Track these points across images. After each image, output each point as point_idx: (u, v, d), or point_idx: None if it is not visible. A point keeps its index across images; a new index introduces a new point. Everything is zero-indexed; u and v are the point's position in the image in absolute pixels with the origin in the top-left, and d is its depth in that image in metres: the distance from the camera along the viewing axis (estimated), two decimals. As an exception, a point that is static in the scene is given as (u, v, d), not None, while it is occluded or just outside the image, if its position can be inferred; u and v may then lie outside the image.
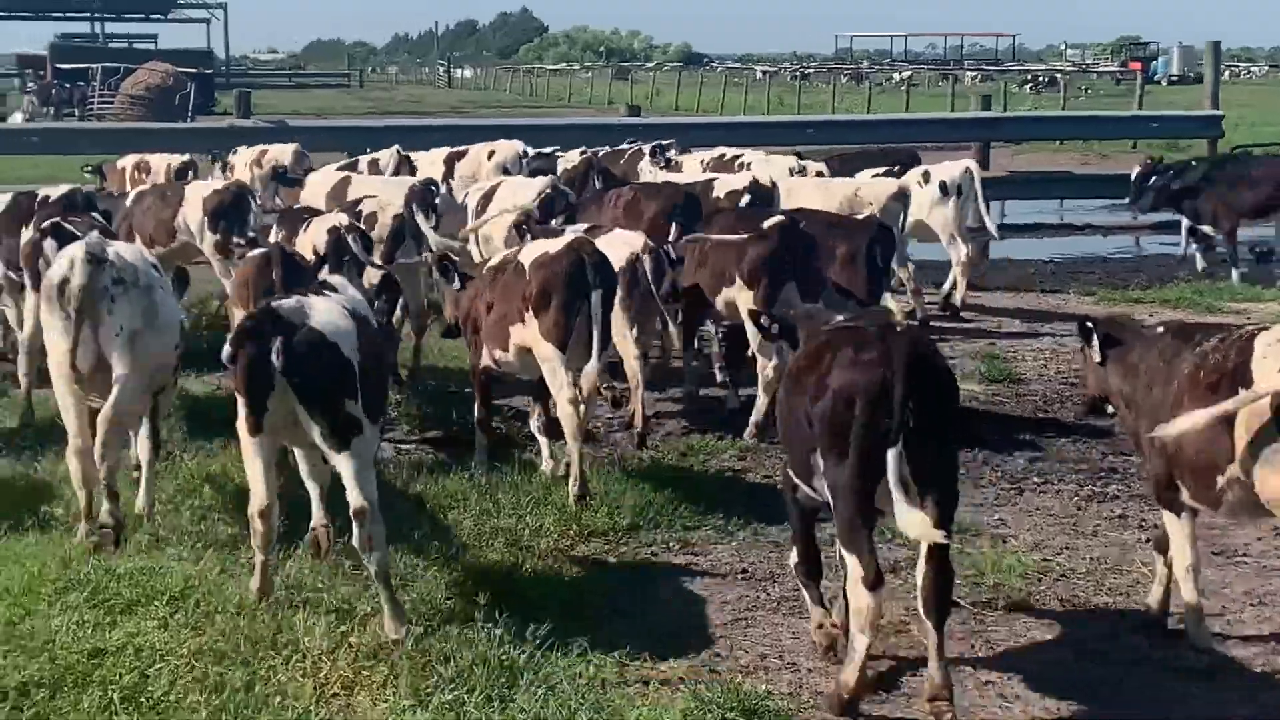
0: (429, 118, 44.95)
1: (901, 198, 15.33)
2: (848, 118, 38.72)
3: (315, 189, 15.47)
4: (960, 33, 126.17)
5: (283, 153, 18.80)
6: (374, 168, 17.78)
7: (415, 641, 6.90)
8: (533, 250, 9.94)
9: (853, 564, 6.53)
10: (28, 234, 11.33)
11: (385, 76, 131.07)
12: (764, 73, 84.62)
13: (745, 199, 14.15)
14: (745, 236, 11.43)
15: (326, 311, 7.25)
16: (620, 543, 9.04)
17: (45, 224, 10.44)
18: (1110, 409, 8.00)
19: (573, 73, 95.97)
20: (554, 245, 9.82)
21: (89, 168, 19.02)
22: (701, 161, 18.09)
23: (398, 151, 18.17)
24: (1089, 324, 7.88)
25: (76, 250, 8.22)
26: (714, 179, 15.25)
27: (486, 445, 10.46)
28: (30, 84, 58.34)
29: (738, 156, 18.11)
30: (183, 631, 6.85)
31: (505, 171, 16.91)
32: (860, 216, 13.48)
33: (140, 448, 9.00)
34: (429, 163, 18.02)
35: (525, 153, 17.85)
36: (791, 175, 16.41)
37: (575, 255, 9.58)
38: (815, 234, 11.76)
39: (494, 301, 9.97)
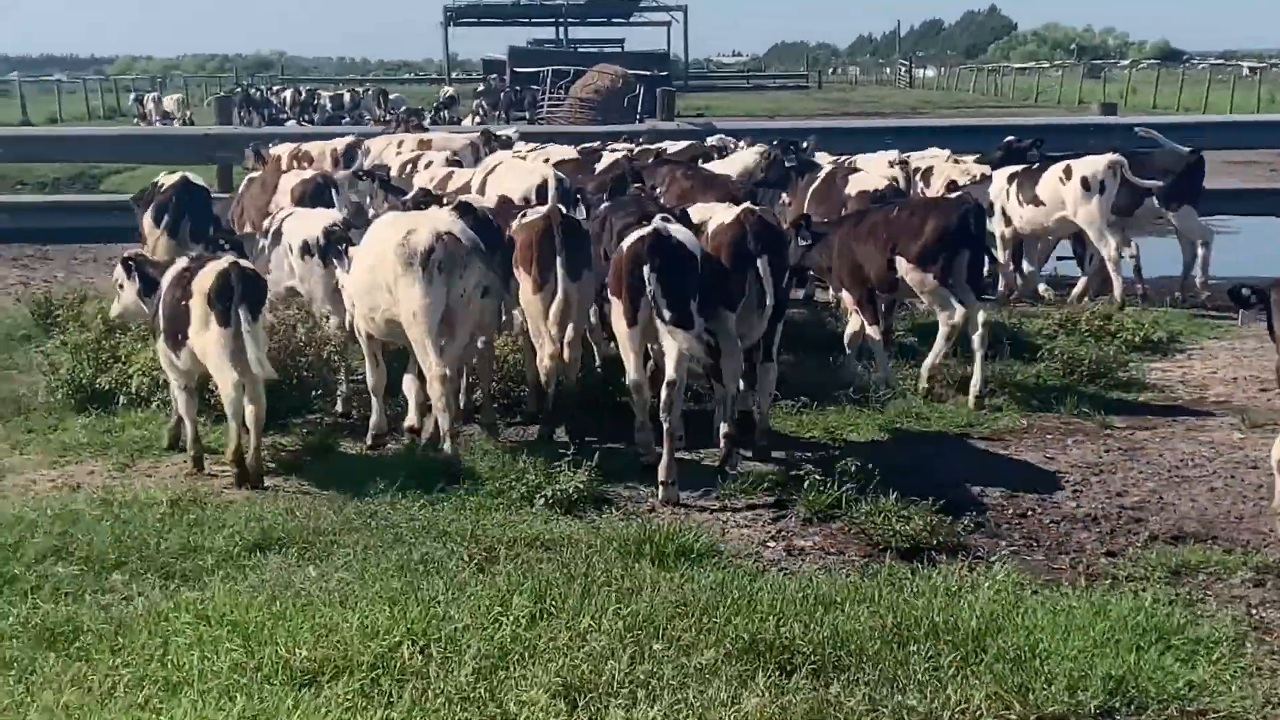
0: (859, 119, 42.46)
1: None
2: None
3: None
4: None
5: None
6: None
7: None
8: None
9: None
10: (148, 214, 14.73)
11: (845, 77, 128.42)
12: (1250, 69, 78.06)
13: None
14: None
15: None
16: (1086, 732, 6.14)
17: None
18: None
19: (1041, 71, 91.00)
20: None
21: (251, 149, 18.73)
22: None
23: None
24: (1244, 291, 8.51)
25: (442, 223, 10.00)
26: None
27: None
28: (479, 87, 58.39)
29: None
30: None
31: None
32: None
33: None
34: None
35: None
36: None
37: (964, 206, 12.05)
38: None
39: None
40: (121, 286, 10.99)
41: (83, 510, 8.64)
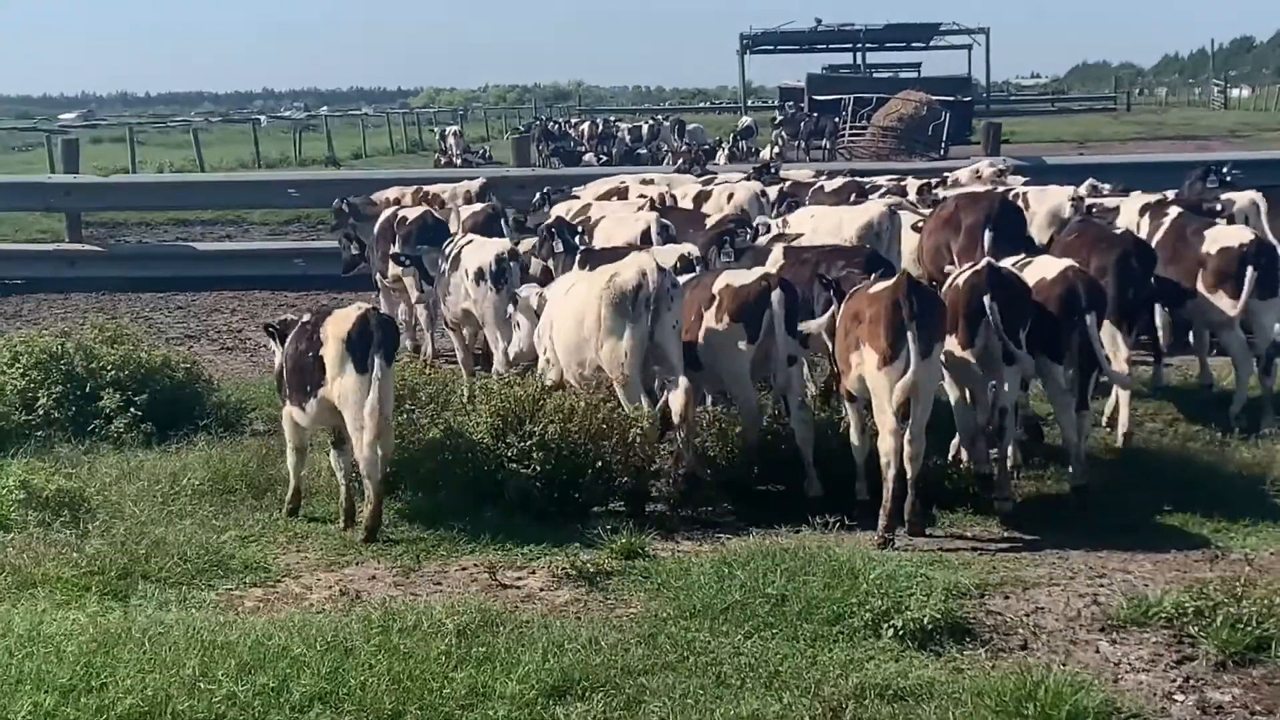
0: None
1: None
2: None
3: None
4: None
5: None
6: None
7: None
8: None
9: None
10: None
11: (1153, 98, 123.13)
12: None
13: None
14: None
15: None
16: None
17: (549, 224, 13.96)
18: None
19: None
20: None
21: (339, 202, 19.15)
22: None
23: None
24: None
25: (648, 261, 10.32)
26: None
27: None
28: (776, 116, 57.04)
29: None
30: None
31: (744, 212, 15.90)
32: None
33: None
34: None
35: (764, 193, 17.07)
36: None
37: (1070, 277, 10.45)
38: None
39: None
40: (275, 353, 10.54)
41: (358, 644, 7.38)
